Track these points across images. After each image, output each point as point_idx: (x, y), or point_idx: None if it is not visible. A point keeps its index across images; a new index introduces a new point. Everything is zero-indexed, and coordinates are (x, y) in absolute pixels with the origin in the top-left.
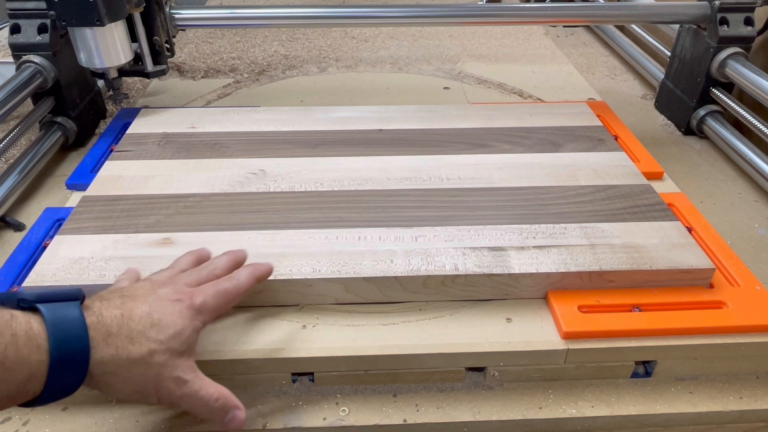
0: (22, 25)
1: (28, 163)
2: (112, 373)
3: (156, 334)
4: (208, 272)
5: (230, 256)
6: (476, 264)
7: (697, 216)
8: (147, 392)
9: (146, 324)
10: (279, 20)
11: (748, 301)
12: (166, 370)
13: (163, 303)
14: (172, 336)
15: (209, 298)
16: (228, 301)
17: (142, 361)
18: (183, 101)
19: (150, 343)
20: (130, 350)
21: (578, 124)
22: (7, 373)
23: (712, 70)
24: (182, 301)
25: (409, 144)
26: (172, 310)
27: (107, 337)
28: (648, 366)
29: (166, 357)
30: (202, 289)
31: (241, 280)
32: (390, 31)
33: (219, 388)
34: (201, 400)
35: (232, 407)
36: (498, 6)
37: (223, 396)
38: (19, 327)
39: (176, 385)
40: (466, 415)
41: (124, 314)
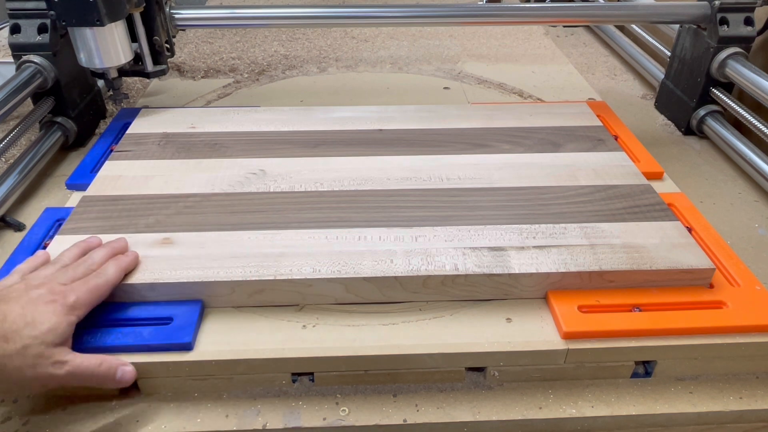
0: (22, 25)
1: (28, 163)
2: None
3: (30, 331)
4: (85, 268)
5: (108, 249)
6: (476, 264)
7: (697, 216)
8: (26, 382)
9: (20, 324)
10: (279, 20)
11: (748, 301)
12: (42, 359)
13: (36, 304)
14: (46, 332)
15: (82, 294)
16: (100, 295)
17: (18, 355)
18: (183, 101)
19: (24, 339)
20: (5, 348)
21: (578, 124)
22: None
23: (712, 70)
24: (56, 302)
25: (409, 144)
26: (45, 309)
27: None
28: (648, 366)
29: (41, 349)
30: (73, 287)
31: (109, 274)
32: (390, 31)
33: (98, 356)
34: (85, 370)
35: (117, 365)
36: (498, 6)
37: (104, 360)
38: None
39: (57, 367)
40: (466, 415)
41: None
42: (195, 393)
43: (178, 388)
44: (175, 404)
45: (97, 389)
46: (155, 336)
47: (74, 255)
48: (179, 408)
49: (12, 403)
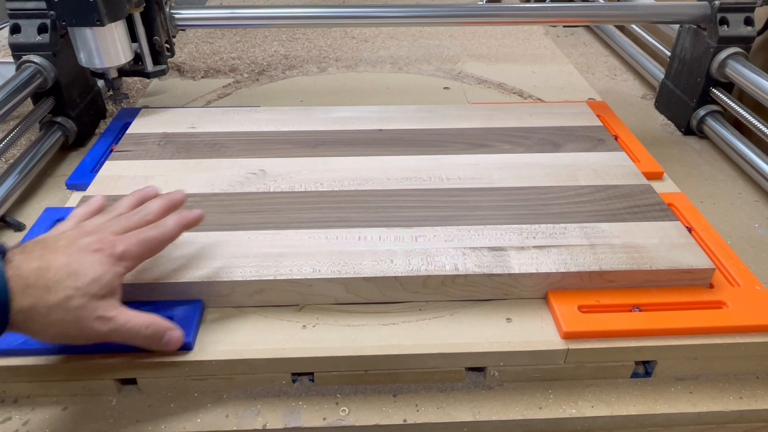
0: (22, 25)
1: (28, 163)
2: (32, 320)
3: (73, 282)
4: (139, 218)
5: (165, 201)
6: (476, 264)
7: (697, 216)
8: (70, 334)
9: (63, 274)
10: (279, 20)
11: (748, 301)
12: (85, 312)
13: (81, 253)
14: (89, 282)
15: (131, 246)
16: (152, 249)
17: (59, 307)
18: (183, 101)
19: (66, 290)
20: (47, 299)
21: (578, 124)
22: None
23: (712, 70)
24: (102, 251)
25: (409, 144)
26: (90, 259)
27: (25, 288)
28: (648, 366)
29: (84, 301)
30: (124, 237)
31: (167, 228)
32: (390, 31)
33: (148, 316)
34: (131, 330)
35: (165, 329)
36: (498, 6)
37: (152, 322)
38: None
39: (101, 323)
40: (466, 415)
41: (41, 266)
42: (195, 393)
43: (178, 388)
44: (175, 404)
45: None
46: None
47: (130, 204)
48: (179, 408)
49: (12, 403)
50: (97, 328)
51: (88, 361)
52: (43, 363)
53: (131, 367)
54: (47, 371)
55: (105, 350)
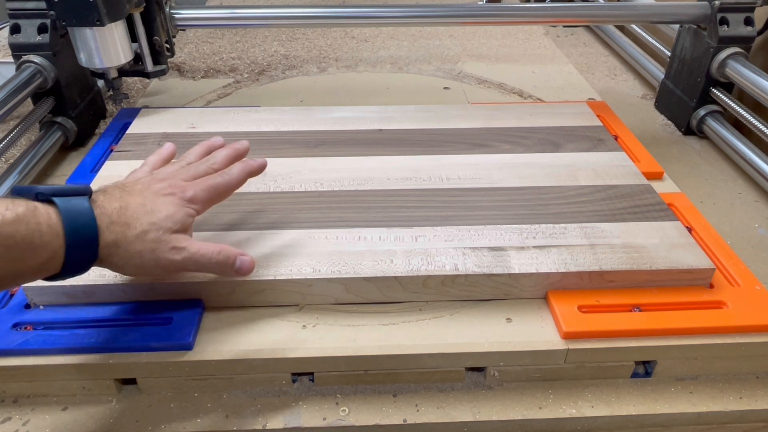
0: (22, 25)
1: (28, 163)
2: (114, 254)
3: (149, 218)
4: (207, 167)
5: (230, 151)
6: (476, 264)
7: (697, 216)
8: (148, 266)
9: (141, 212)
10: (279, 20)
11: (748, 301)
12: (161, 244)
13: (156, 196)
14: (163, 218)
15: (199, 191)
16: (219, 194)
17: (138, 240)
18: (183, 101)
19: (144, 225)
20: (127, 233)
21: (578, 124)
22: (34, 253)
23: (712, 70)
24: (174, 195)
25: (409, 144)
26: (163, 201)
27: (109, 224)
28: (648, 366)
29: (159, 233)
30: (194, 183)
31: (233, 176)
32: (390, 31)
33: (217, 245)
34: (203, 257)
35: (236, 255)
36: (498, 6)
37: (223, 249)
38: (42, 217)
39: (175, 252)
40: (466, 415)
41: (122, 206)
42: (195, 393)
43: (178, 388)
44: (175, 404)
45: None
46: (155, 336)
47: (199, 153)
48: (179, 408)
49: (12, 403)
50: (172, 257)
51: (88, 361)
52: (43, 363)
53: (131, 367)
54: (47, 371)
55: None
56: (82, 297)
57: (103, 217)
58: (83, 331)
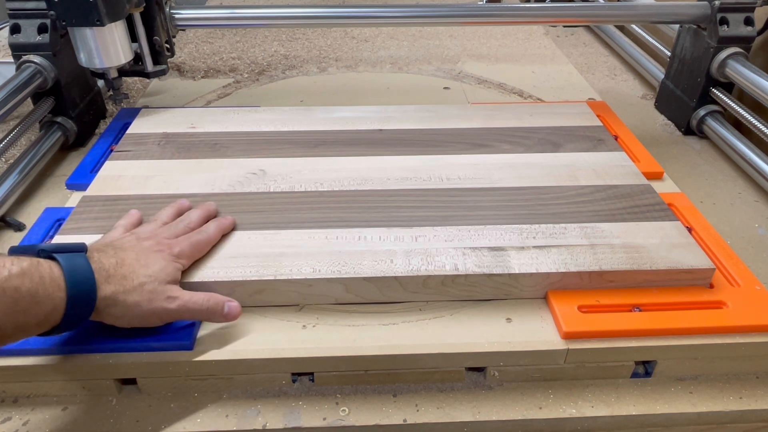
0: (22, 25)
1: (28, 163)
2: (112, 305)
3: (145, 271)
4: (184, 226)
5: (202, 211)
6: (476, 264)
7: (697, 216)
8: (145, 315)
9: (136, 266)
10: (279, 20)
11: (748, 301)
12: (157, 294)
13: (147, 252)
14: (158, 271)
15: (186, 248)
16: (200, 250)
17: (135, 291)
18: (183, 101)
19: (141, 277)
20: (125, 285)
21: (578, 124)
22: (38, 305)
23: (712, 70)
24: (163, 251)
25: (409, 144)
26: (155, 256)
27: (107, 278)
28: (648, 366)
29: (155, 285)
30: (178, 241)
31: (210, 233)
32: (390, 31)
33: (207, 293)
34: (194, 304)
35: (224, 301)
36: (498, 6)
37: (212, 296)
38: (45, 270)
39: (170, 301)
40: (466, 415)
41: (117, 262)
42: (195, 393)
43: (178, 388)
44: (175, 404)
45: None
46: (155, 336)
47: (171, 214)
48: (179, 408)
49: (12, 403)
50: (168, 306)
51: (88, 361)
52: (43, 363)
53: (131, 367)
54: (47, 371)
55: (105, 350)
56: None
57: (100, 271)
58: (83, 331)
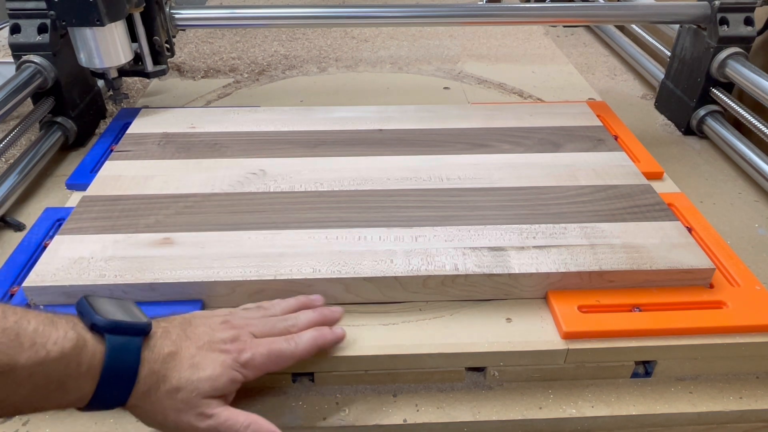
0: (22, 25)
1: (28, 163)
2: (140, 406)
3: (189, 375)
4: (284, 327)
5: (317, 315)
6: (476, 264)
7: (697, 216)
8: (169, 425)
9: (185, 366)
10: (279, 20)
11: (748, 301)
12: (188, 406)
13: (211, 350)
14: (203, 379)
15: (258, 355)
16: (279, 362)
17: (167, 396)
18: (183, 101)
19: (181, 381)
20: (161, 387)
21: (578, 124)
22: (63, 393)
23: (712, 70)
24: (229, 353)
25: (409, 144)
26: (215, 357)
27: (149, 374)
28: (648, 366)
29: (191, 396)
30: (256, 344)
31: (300, 346)
32: (390, 31)
33: (249, 415)
34: (229, 429)
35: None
36: (498, 6)
37: (254, 422)
38: (85, 357)
39: (200, 419)
40: (466, 415)
41: (171, 352)
42: None
43: None
44: None
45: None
46: None
47: (288, 307)
48: None
49: None
50: (196, 423)
51: None
52: None
53: None
54: None
55: None
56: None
57: (146, 363)
58: None
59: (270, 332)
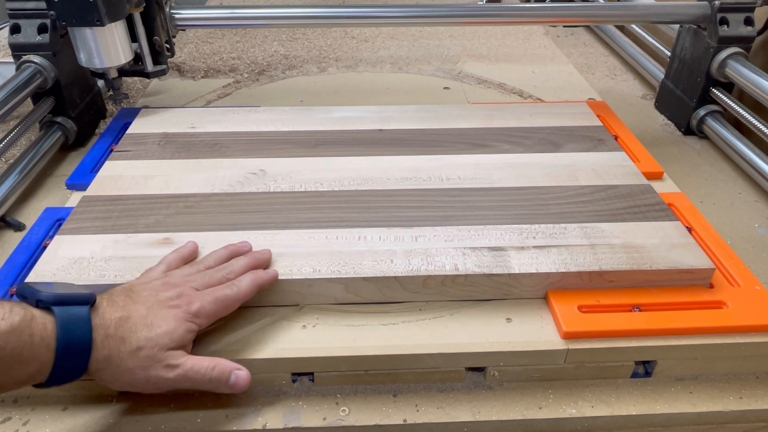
0: (22, 25)
1: (28, 163)
2: (105, 369)
3: (147, 333)
4: (222, 276)
5: (250, 260)
6: (476, 264)
7: (697, 216)
8: (138, 382)
9: (140, 325)
10: (279, 20)
11: (748, 301)
12: (153, 361)
13: (160, 308)
14: (161, 335)
15: (206, 304)
16: (226, 307)
17: (131, 356)
18: (183, 101)
19: (140, 341)
20: (121, 348)
21: (578, 124)
22: (21, 365)
23: (712, 70)
24: (179, 307)
25: (409, 144)
26: (166, 314)
27: (105, 338)
28: (648, 366)
29: (153, 351)
30: (202, 295)
31: (242, 288)
32: (390, 31)
33: (212, 359)
34: (197, 374)
35: (231, 369)
36: (498, 6)
37: (217, 364)
38: (37, 328)
39: (167, 370)
40: (466, 415)
41: (123, 317)
42: (195, 393)
43: (178, 388)
44: (175, 404)
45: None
46: None
47: (220, 258)
48: (179, 408)
49: (12, 403)
50: (164, 375)
51: None
52: None
53: None
54: None
55: None
56: None
57: (99, 329)
58: None
59: (210, 283)
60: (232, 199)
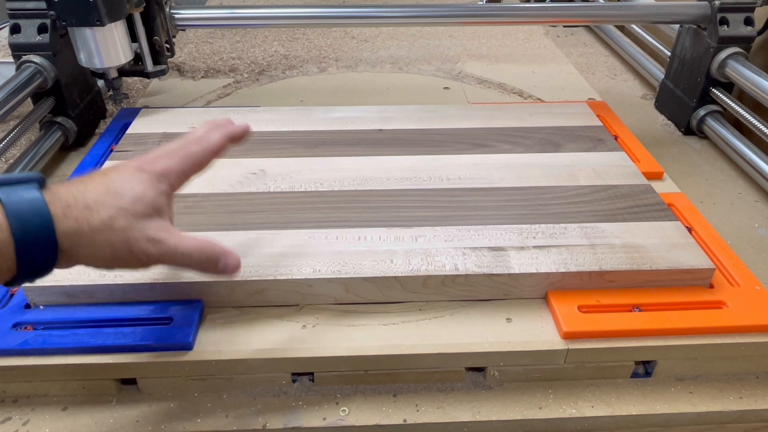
0: (22, 25)
1: (28, 163)
2: (79, 244)
3: (114, 201)
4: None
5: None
6: (476, 264)
7: (697, 216)
8: (122, 257)
9: (102, 193)
10: (279, 20)
11: (748, 301)
12: (133, 232)
13: (121, 174)
14: (131, 201)
15: (172, 161)
16: (195, 163)
17: (104, 227)
18: (183, 101)
19: (108, 209)
20: (90, 218)
21: (578, 124)
22: None
23: (712, 70)
24: (143, 170)
25: (409, 144)
26: (130, 178)
27: (66, 209)
28: (648, 366)
29: (128, 221)
30: (166, 154)
31: (211, 141)
32: (390, 31)
33: (199, 240)
34: (183, 254)
35: (219, 255)
36: (498, 6)
37: (205, 246)
38: None
39: (152, 244)
40: (466, 415)
41: (80, 188)
42: (195, 393)
43: (178, 388)
44: (175, 404)
45: None
46: (155, 336)
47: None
48: (179, 408)
49: (12, 403)
50: (148, 249)
51: (88, 361)
52: (43, 363)
53: (131, 367)
54: (47, 371)
55: (105, 350)
56: (82, 297)
57: (55, 201)
58: (83, 331)
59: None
60: (232, 199)
